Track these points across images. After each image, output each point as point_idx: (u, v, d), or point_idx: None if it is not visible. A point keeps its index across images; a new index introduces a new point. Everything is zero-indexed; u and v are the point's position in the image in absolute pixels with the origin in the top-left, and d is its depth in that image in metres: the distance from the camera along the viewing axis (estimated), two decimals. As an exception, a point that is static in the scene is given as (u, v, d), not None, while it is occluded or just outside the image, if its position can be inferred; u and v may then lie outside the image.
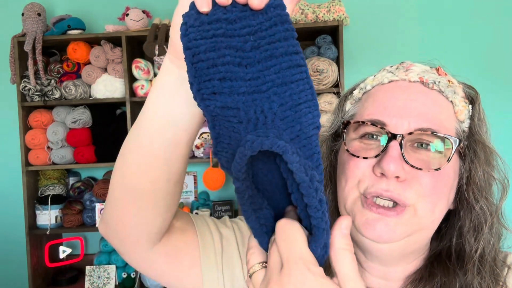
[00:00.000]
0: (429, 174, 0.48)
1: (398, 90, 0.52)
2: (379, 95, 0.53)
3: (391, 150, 0.47)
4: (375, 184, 0.49)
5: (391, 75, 0.54)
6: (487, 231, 0.51)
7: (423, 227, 0.50)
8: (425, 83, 0.52)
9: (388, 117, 0.50)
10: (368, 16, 2.21)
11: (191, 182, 2.28)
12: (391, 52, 2.21)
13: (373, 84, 0.55)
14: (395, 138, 0.48)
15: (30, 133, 1.98)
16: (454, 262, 0.52)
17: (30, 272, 1.97)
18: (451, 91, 0.53)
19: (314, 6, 1.92)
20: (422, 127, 0.49)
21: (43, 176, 2.08)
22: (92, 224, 2.03)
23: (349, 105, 0.58)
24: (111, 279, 2.03)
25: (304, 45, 2.15)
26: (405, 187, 0.48)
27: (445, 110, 0.52)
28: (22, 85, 1.95)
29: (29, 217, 1.99)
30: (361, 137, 0.52)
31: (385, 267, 0.55)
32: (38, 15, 1.94)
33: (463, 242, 0.53)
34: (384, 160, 0.47)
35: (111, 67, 1.97)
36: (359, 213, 0.50)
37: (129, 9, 1.99)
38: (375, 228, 0.48)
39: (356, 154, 0.51)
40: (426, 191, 0.48)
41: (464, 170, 0.52)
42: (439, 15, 2.21)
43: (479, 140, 0.52)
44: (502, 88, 2.20)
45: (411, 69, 0.54)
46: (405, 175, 0.48)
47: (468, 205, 0.52)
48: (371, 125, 0.50)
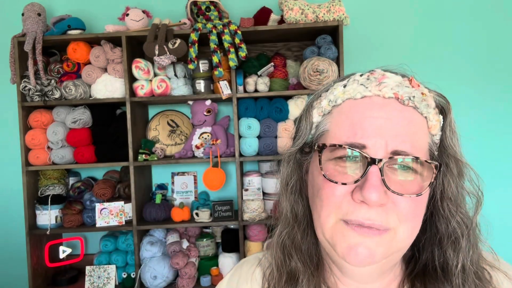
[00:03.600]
0: (409, 199, 0.47)
1: (374, 108, 0.49)
2: (354, 114, 0.50)
3: (372, 177, 0.46)
4: (355, 211, 0.47)
5: (363, 89, 0.51)
6: (465, 244, 0.51)
7: (400, 248, 0.50)
8: (400, 99, 0.50)
9: (367, 139, 0.47)
10: (368, 16, 2.21)
11: (191, 182, 2.29)
12: (391, 52, 2.21)
13: (344, 98, 0.52)
14: (375, 163, 0.46)
15: (30, 133, 1.98)
16: (441, 276, 0.52)
17: (30, 272, 1.97)
18: (425, 105, 0.50)
19: (314, 6, 1.92)
20: (399, 149, 0.47)
21: (43, 176, 2.08)
22: (92, 224, 2.03)
23: (317, 116, 0.55)
24: (111, 279, 2.03)
25: (304, 45, 2.16)
26: (386, 212, 0.47)
27: (419, 128, 0.50)
28: (22, 85, 1.95)
29: (29, 217, 1.99)
30: (335, 158, 0.50)
31: (362, 285, 0.56)
32: (38, 15, 1.94)
33: (444, 255, 0.52)
34: (366, 189, 0.45)
35: (111, 67, 1.97)
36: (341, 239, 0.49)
37: (129, 9, 1.99)
38: (357, 254, 0.47)
39: (333, 179, 0.48)
40: (406, 216, 0.47)
41: (438, 184, 0.51)
42: (439, 15, 2.21)
43: (451, 154, 0.51)
44: (501, 90, 2.20)
45: (384, 82, 0.50)
46: (387, 200, 0.47)
47: (444, 219, 0.52)
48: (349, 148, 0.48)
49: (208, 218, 2.00)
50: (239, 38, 1.88)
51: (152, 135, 2.20)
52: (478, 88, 2.21)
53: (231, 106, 2.22)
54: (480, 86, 2.21)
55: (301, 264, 0.57)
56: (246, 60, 1.98)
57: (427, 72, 2.19)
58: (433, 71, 2.19)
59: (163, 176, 2.30)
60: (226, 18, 2.01)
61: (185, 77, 2.03)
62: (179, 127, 2.23)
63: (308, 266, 0.57)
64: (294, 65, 2.08)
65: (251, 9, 2.12)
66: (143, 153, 1.98)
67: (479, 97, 2.21)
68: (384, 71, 0.53)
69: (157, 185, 2.27)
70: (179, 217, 2.00)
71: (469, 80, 2.21)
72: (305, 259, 0.58)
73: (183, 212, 2.01)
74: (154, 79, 1.99)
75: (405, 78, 0.53)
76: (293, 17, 1.89)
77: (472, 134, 2.17)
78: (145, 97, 1.97)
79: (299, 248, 0.59)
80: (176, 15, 2.14)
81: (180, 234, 2.12)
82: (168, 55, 1.85)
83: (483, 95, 2.21)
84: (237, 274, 0.66)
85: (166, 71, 2.02)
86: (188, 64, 1.90)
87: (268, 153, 2.00)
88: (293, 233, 0.59)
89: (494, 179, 2.16)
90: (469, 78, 2.21)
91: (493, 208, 2.08)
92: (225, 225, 2.09)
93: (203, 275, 2.00)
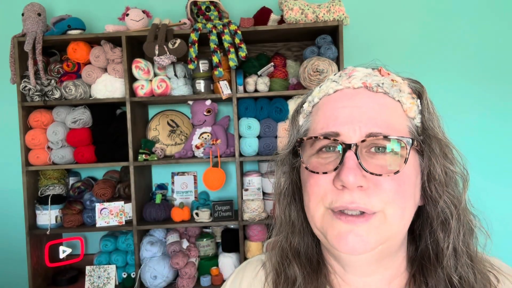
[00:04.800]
0: (389, 179, 0.48)
1: (344, 98, 0.52)
2: (327, 107, 0.54)
3: (348, 161, 0.48)
4: (339, 198, 0.48)
5: (335, 84, 0.54)
6: (455, 224, 0.52)
7: (394, 233, 0.50)
8: (369, 87, 0.52)
9: (339, 127, 0.50)
10: (368, 16, 2.21)
11: (191, 182, 2.29)
12: (391, 52, 2.21)
13: (320, 96, 0.56)
14: (350, 148, 0.48)
15: (30, 133, 1.98)
16: (434, 261, 0.53)
17: (30, 272, 1.97)
18: (396, 90, 0.53)
19: (314, 6, 1.92)
20: (372, 131, 0.49)
21: (43, 176, 2.08)
22: (92, 224, 2.03)
23: (302, 119, 0.58)
24: (111, 279, 2.03)
25: (304, 45, 2.16)
26: (369, 195, 0.48)
27: (393, 110, 0.52)
28: (22, 85, 1.95)
29: (29, 217, 1.99)
30: (317, 151, 0.52)
31: (365, 278, 0.56)
32: (38, 15, 1.94)
33: (436, 239, 0.53)
34: (343, 172, 0.47)
35: (111, 67, 1.97)
36: (330, 228, 0.50)
37: (129, 9, 1.99)
38: (348, 241, 0.48)
39: (315, 170, 0.51)
40: (390, 196, 0.48)
41: (424, 166, 0.52)
42: (439, 14, 2.21)
43: (432, 135, 0.52)
44: (501, 88, 2.20)
45: (354, 75, 0.54)
46: (366, 183, 0.48)
47: (433, 201, 0.53)
48: (324, 138, 0.50)
49: (208, 218, 2.00)
50: (239, 38, 1.89)
51: (152, 135, 2.20)
52: (478, 88, 2.21)
53: (231, 106, 2.22)
54: (480, 86, 2.21)
55: (299, 268, 0.58)
56: (246, 60, 1.98)
57: (427, 72, 2.20)
58: (433, 71, 2.19)
59: (163, 176, 2.30)
60: (226, 18, 2.01)
61: (185, 77, 2.03)
62: (179, 127, 2.23)
63: (307, 270, 0.58)
64: (294, 65, 2.08)
65: (251, 9, 2.12)
66: (143, 153, 1.98)
67: (479, 99, 2.21)
68: (354, 67, 0.56)
69: (157, 185, 2.28)
70: (179, 217, 2.00)
71: (469, 80, 2.21)
72: (304, 263, 0.58)
73: (183, 212, 2.01)
74: (154, 79, 1.99)
75: (375, 70, 0.56)
76: (293, 17, 1.89)
77: (473, 134, 2.17)
78: (145, 97, 1.97)
79: (297, 252, 0.59)
80: (176, 15, 2.14)
81: (180, 234, 2.12)
82: (168, 55, 1.85)
83: (483, 97, 2.21)
84: (240, 276, 0.66)
85: (166, 71, 2.02)
86: (188, 64, 1.90)
87: (268, 153, 2.00)
88: (289, 237, 0.60)
89: (497, 177, 2.16)
90: (469, 78, 2.21)
91: (496, 207, 2.07)
92: (225, 225, 2.09)
93: (203, 275, 2.00)
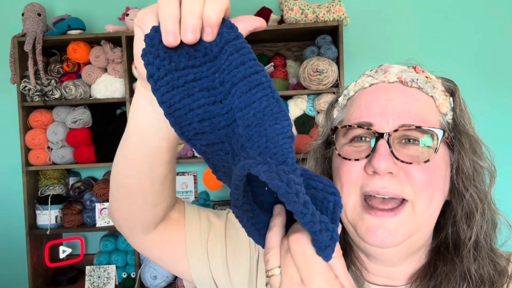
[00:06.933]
0: (420, 168, 0.49)
1: (379, 91, 0.55)
2: (362, 99, 0.56)
3: (380, 148, 0.49)
4: (369, 182, 0.50)
5: (371, 79, 0.57)
6: (479, 218, 0.53)
7: (421, 225, 0.51)
8: (404, 82, 0.54)
9: (373, 117, 0.52)
10: (368, 16, 2.21)
11: (191, 182, 2.28)
12: (391, 52, 2.21)
13: (356, 90, 0.58)
14: (382, 137, 0.50)
15: (30, 133, 1.98)
16: (452, 251, 0.54)
17: (30, 272, 1.97)
18: (430, 86, 0.55)
19: (314, 6, 1.92)
20: (406, 123, 0.50)
21: (43, 176, 2.08)
22: (92, 224, 2.03)
23: (336, 112, 0.61)
24: (111, 279, 2.03)
25: (304, 45, 2.15)
26: (400, 182, 0.49)
27: (426, 105, 0.53)
28: (22, 85, 1.95)
29: (29, 217, 1.99)
30: (350, 141, 0.54)
31: (389, 268, 0.56)
32: (38, 15, 1.94)
33: (457, 230, 0.54)
34: (375, 158, 0.49)
35: (111, 67, 1.97)
36: (360, 221, 0.51)
37: (129, 9, 1.99)
38: (377, 235, 0.49)
39: (348, 157, 0.53)
40: (420, 186, 0.49)
41: (454, 161, 0.54)
42: (439, 14, 2.21)
43: (462, 130, 0.54)
44: (500, 89, 2.20)
45: (389, 71, 0.56)
46: (397, 170, 0.49)
47: (459, 194, 0.54)
48: (358, 127, 0.52)
49: (208, 218, 2.00)
50: (239, 38, 1.88)
51: (152, 135, 2.20)
52: (479, 88, 2.21)
53: (231, 106, 2.22)
54: (480, 87, 2.21)
55: None
56: (246, 60, 1.98)
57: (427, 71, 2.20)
58: (433, 71, 2.19)
59: (163, 176, 2.30)
60: (226, 18, 2.01)
61: (185, 77, 2.03)
62: (179, 127, 2.23)
63: None
64: (294, 65, 2.08)
65: (251, 9, 2.12)
66: (143, 153, 1.98)
67: (479, 99, 2.21)
68: (390, 64, 0.59)
69: (157, 185, 2.27)
70: (179, 217, 2.00)
71: (469, 80, 2.21)
72: None
73: (183, 212, 2.01)
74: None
75: (410, 67, 0.58)
76: (293, 17, 1.89)
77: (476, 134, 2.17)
78: (145, 97, 1.97)
79: None
80: (176, 15, 2.13)
81: (180, 234, 2.12)
82: (168, 55, 1.85)
83: (484, 97, 2.21)
84: None
85: (166, 71, 2.01)
86: (188, 64, 1.90)
87: (268, 153, 1.99)
88: None
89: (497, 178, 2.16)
90: (470, 78, 2.21)
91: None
92: (225, 225, 2.09)
93: (203, 275, 2.00)
